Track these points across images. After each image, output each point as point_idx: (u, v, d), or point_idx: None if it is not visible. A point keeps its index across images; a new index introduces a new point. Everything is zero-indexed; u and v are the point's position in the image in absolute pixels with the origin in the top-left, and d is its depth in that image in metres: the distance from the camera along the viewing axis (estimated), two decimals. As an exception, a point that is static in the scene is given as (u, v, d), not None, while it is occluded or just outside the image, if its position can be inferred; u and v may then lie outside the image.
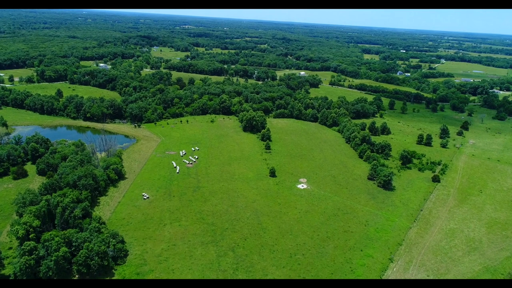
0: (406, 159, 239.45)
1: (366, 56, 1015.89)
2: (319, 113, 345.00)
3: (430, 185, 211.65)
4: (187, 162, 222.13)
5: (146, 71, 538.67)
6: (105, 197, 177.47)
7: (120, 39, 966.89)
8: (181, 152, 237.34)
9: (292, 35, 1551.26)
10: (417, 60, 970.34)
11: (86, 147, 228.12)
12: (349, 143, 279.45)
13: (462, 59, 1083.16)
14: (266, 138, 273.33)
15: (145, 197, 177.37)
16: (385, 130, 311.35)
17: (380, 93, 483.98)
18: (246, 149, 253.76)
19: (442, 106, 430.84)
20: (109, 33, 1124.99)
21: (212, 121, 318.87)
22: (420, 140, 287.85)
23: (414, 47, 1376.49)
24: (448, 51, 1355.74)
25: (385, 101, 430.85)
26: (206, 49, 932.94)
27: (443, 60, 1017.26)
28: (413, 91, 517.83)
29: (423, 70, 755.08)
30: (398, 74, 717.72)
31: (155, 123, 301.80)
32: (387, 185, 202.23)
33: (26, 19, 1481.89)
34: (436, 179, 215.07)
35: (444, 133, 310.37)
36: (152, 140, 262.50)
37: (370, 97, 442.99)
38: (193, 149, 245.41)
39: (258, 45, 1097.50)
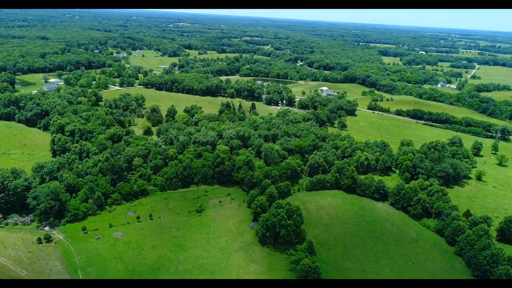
0: None
1: (385, 59, 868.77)
2: (385, 175, 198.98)
3: None
4: None
5: (113, 90, 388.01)
6: None
7: (97, 40, 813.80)
8: None
9: (294, 34, 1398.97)
10: (448, 64, 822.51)
11: None
12: (475, 273, 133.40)
13: (495, 63, 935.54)
14: (311, 272, 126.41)
15: None
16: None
17: (446, 124, 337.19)
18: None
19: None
20: (88, 32, 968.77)
21: (199, 211, 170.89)
22: None
23: (430, 47, 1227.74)
24: (469, 52, 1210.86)
25: (464, 139, 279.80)
26: (199, 53, 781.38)
27: (476, 65, 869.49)
28: (498, 122, 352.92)
29: (469, 81, 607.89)
30: (439, 86, 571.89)
31: (85, 229, 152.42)
32: None
33: (5, 16, 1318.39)
34: None
35: None
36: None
37: (439, 134, 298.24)
38: None
39: (261, 47, 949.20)
